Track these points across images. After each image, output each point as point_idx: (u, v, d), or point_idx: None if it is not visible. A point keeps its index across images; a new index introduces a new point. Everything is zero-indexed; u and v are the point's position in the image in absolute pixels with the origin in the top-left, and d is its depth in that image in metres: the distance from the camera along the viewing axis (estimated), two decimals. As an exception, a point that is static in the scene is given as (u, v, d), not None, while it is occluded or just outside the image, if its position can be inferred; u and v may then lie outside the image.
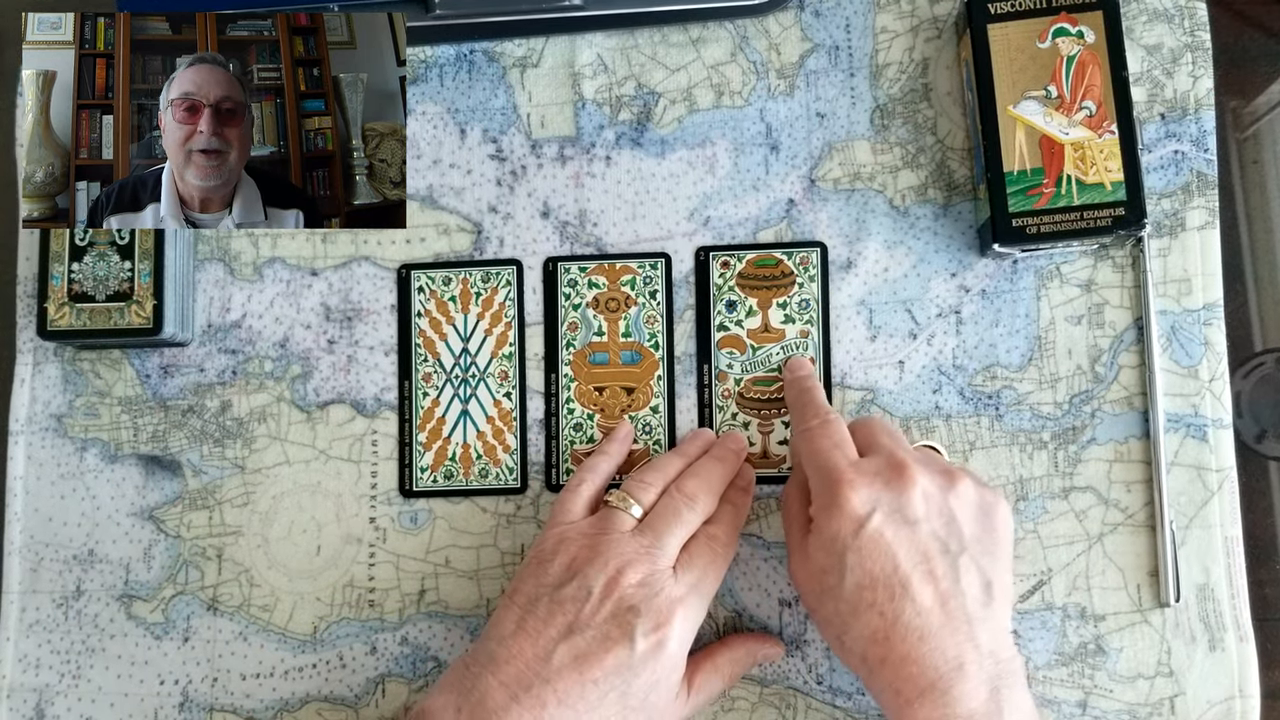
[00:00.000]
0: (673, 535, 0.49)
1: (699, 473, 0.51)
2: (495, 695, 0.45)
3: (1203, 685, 0.52)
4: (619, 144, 0.58)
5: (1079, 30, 0.52)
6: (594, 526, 0.49)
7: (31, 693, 0.57)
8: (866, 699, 0.54)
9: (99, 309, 0.55)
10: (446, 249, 0.58)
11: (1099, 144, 0.52)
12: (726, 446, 0.54)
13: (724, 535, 0.50)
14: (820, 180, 0.57)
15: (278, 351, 0.58)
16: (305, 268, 0.58)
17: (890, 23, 0.57)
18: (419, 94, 0.59)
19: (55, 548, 0.58)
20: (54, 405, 0.58)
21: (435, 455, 0.57)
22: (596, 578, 0.46)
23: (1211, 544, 0.53)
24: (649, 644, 0.45)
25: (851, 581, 0.45)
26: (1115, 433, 0.54)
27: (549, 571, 0.48)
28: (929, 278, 0.56)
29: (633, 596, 0.46)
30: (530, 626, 0.46)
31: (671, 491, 0.50)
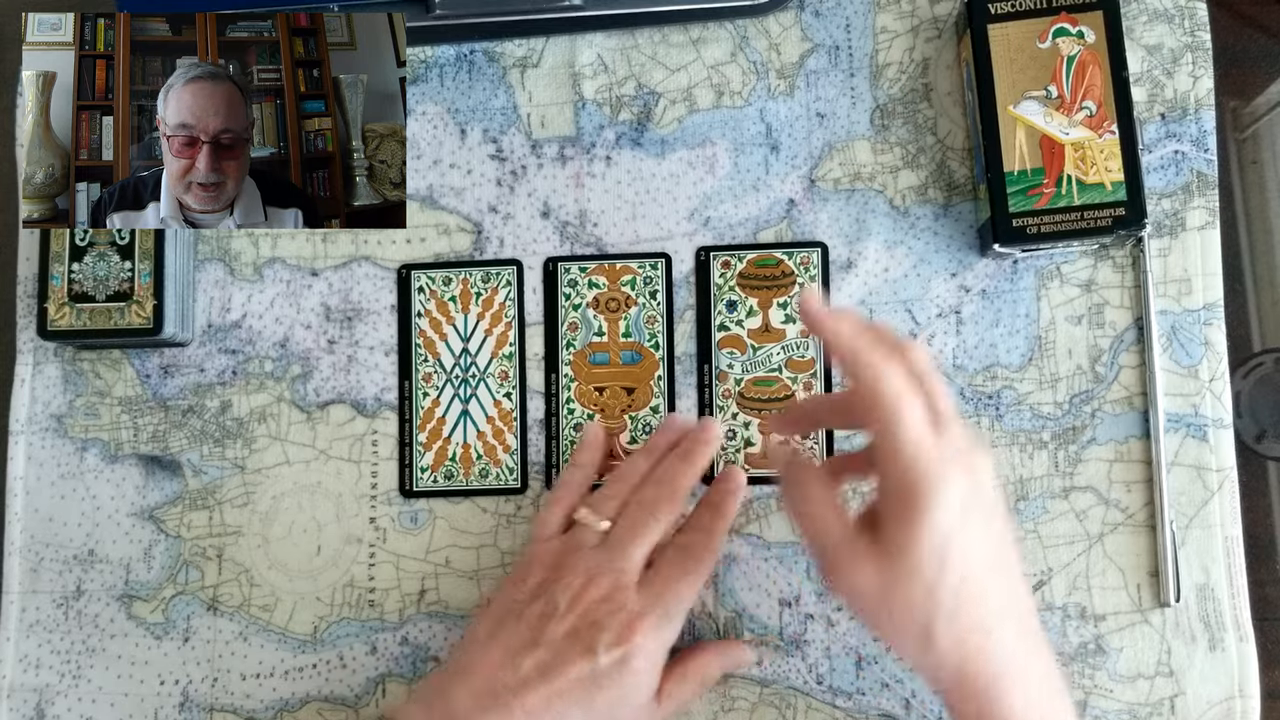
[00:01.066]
0: (635, 548, 0.48)
1: (661, 477, 0.50)
2: (464, 703, 0.45)
3: (1203, 685, 0.52)
4: (619, 144, 0.58)
5: (1079, 30, 0.52)
6: (563, 544, 0.49)
7: (32, 693, 0.57)
8: (866, 699, 0.54)
9: (99, 309, 0.55)
10: (447, 249, 0.58)
11: (1099, 144, 0.52)
12: (696, 439, 0.52)
13: (700, 543, 0.50)
14: (820, 180, 0.57)
15: (278, 351, 0.58)
16: (305, 268, 0.58)
17: (890, 23, 0.57)
18: (419, 94, 0.59)
19: (55, 548, 0.58)
20: (54, 405, 0.58)
21: (435, 455, 0.57)
22: (562, 595, 0.47)
23: (1211, 544, 0.53)
24: (612, 659, 0.45)
25: (956, 577, 0.41)
26: (1115, 432, 0.54)
27: (520, 589, 0.49)
28: (929, 278, 0.56)
29: (595, 612, 0.46)
30: (501, 640, 0.47)
31: (630, 502, 0.50)
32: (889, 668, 0.54)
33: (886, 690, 0.54)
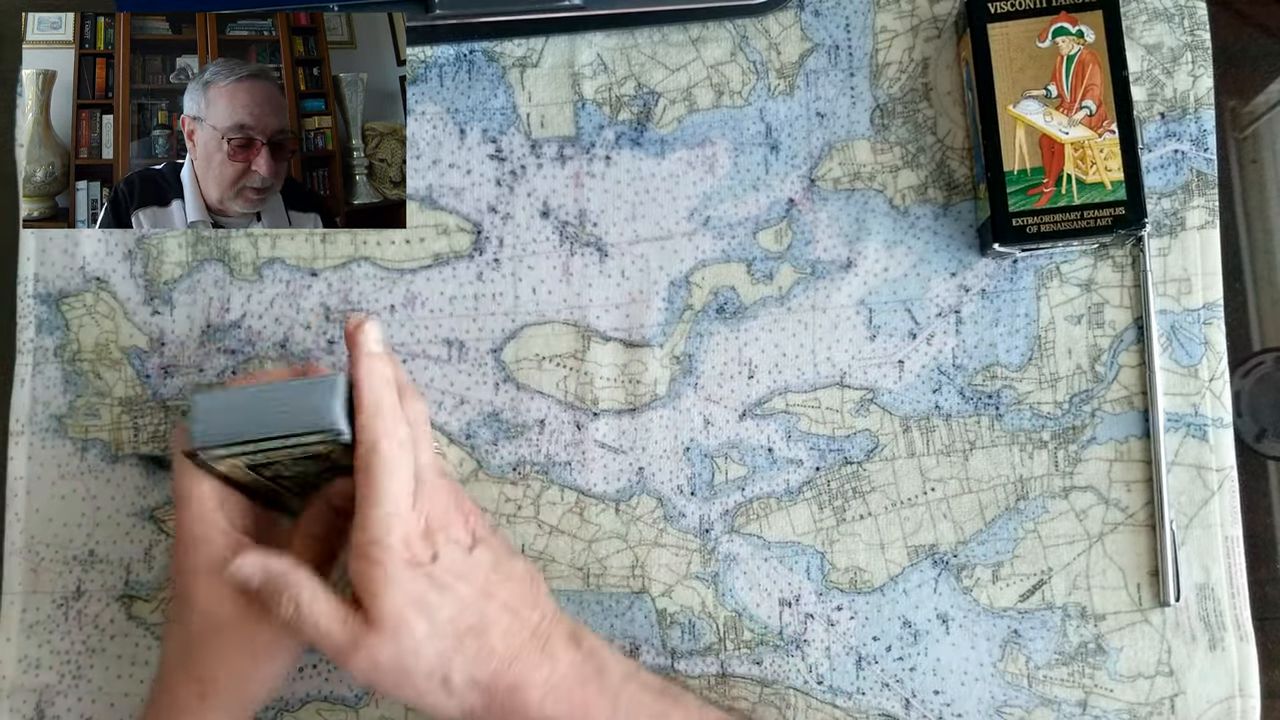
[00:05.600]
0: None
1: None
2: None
3: (1203, 685, 0.52)
4: (619, 144, 0.58)
5: (1079, 30, 0.52)
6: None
7: (31, 693, 0.57)
8: (866, 698, 0.54)
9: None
10: (446, 249, 0.58)
11: (1099, 143, 0.52)
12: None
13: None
14: (820, 180, 0.57)
15: (277, 352, 0.58)
16: (305, 268, 0.58)
17: (890, 22, 0.57)
18: (418, 94, 0.59)
19: (56, 548, 0.58)
20: (54, 405, 0.58)
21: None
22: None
23: (1212, 543, 0.53)
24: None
25: (444, 616, 0.45)
26: (1115, 432, 0.54)
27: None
28: (929, 277, 0.56)
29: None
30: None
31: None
32: (889, 668, 0.54)
33: (886, 690, 0.54)
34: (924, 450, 0.55)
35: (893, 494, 0.55)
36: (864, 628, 0.54)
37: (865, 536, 0.55)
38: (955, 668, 0.53)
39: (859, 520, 0.55)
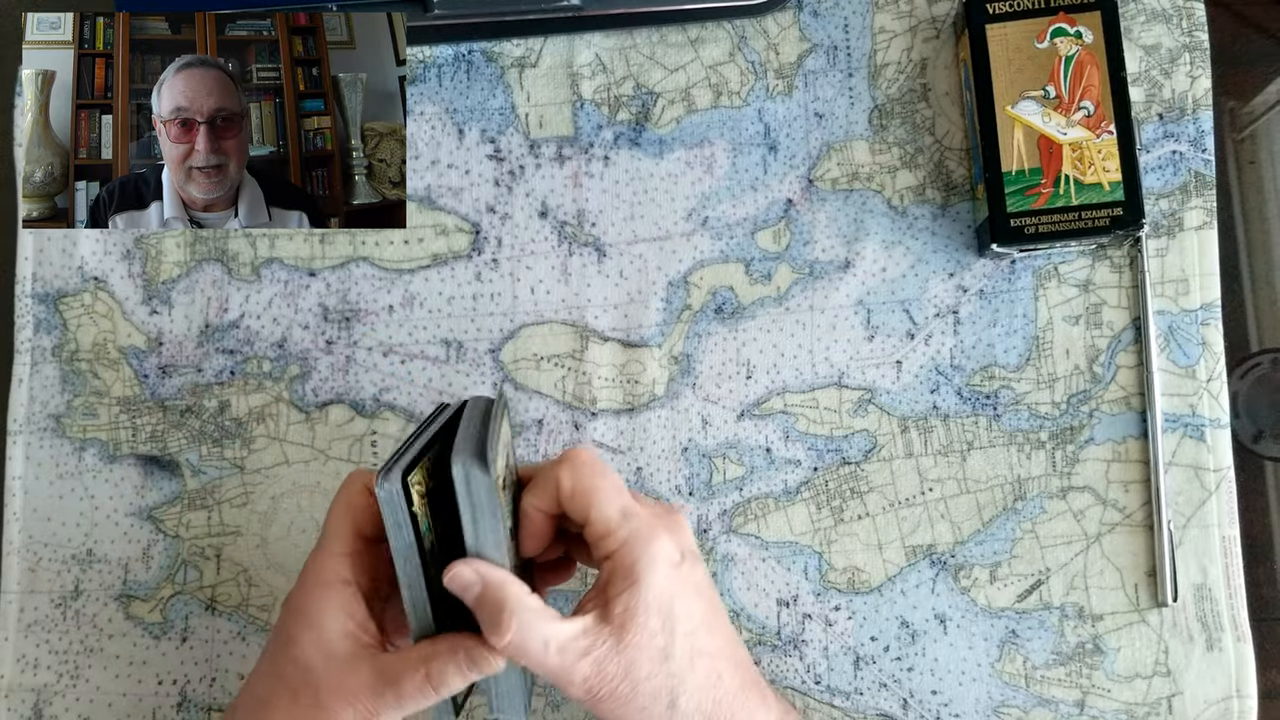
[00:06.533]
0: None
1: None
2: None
3: (1200, 685, 0.52)
4: (617, 144, 0.58)
5: (1077, 30, 0.53)
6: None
7: (30, 693, 0.57)
8: (864, 698, 0.54)
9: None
10: (445, 249, 0.58)
11: (1097, 144, 0.52)
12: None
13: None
14: (818, 180, 0.57)
15: (276, 352, 0.58)
16: (303, 268, 0.58)
17: (888, 23, 0.57)
18: (417, 94, 0.59)
19: (54, 548, 0.58)
20: (52, 405, 0.58)
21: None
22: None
23: (1209, 544, 0.53)
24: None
25: (685, 635, 0.42)
26: (1113, 433, 0.54)
27: None
28: (927, 278, 0.56)
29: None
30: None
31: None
32: (887, 668, 0.54)
33: (884, 690, 0.54)
34: (922, 450, 0.55)
35: (891, 494, 0.55)
36: (862, 628, 0.54)
37: (863, 537, 0.55)
38: (953, 668, 0.54)
39: (857, 520, 0.55)
